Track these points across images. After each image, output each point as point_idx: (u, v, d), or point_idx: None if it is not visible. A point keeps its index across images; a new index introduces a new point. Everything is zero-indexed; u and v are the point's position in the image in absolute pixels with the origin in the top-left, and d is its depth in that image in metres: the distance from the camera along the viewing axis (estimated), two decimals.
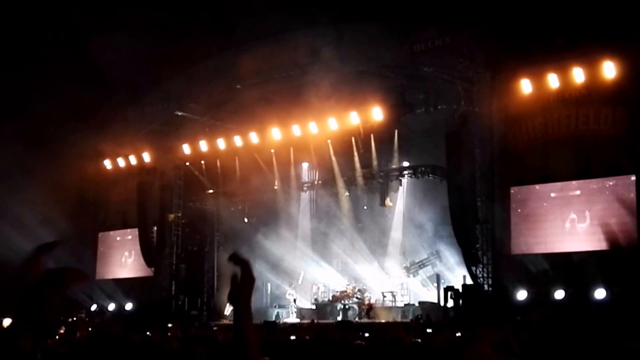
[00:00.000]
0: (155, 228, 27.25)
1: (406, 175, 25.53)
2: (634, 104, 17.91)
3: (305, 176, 28.12)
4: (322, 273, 26.92)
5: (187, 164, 27.01)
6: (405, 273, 25.78)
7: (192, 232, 27.73)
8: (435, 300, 22.53)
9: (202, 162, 26.75)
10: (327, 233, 27.74)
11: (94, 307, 27.64)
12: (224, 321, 23.88)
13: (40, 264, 1.65)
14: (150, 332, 12.33)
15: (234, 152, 25.70)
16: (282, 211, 26.94)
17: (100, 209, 29.62)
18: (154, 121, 26.12)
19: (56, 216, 23.92)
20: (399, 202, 26.95)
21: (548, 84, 19.02)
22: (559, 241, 19.14)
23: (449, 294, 20.09)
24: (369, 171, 25.12)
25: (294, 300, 25.55)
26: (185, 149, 26.32)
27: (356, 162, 24.78)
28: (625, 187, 18.35)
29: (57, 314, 1.44)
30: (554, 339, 1.38)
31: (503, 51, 19.48)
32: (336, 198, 26.54)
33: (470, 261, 20.50)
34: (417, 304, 23.29)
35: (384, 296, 24.56)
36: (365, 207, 27.63)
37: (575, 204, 19.11)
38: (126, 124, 25.12)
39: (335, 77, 21.06)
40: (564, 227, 19.13)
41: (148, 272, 27.25)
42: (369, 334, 12.46)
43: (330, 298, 25.45)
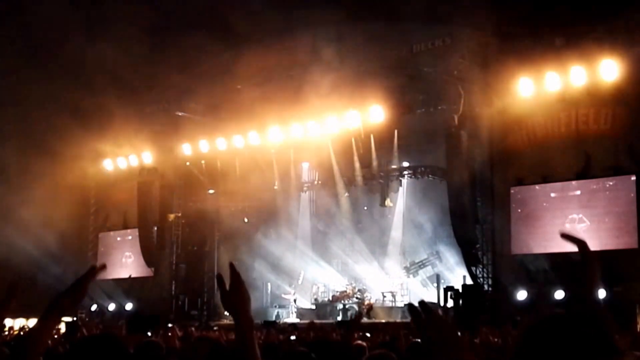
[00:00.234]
0: (155, 228, 27.28)
1: (406, 176, 25.54)
2: (634, 104, 17.91)
3: (305, 176, 28.12)
4: (322, 273, 26.92)
5: (187, 164, 27.02)
6: (405, 273, 25.79)
7: (192, 232, 27.73)
8: (435, 301, 22.51)
9: (202, 162, 26.77)
10: (327, 233, 27.76)
11: (94, 307, 27.70)
12: (224, 321, 23.86)
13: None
14: (150, 332, 12.33)
15: (234, 152, 25.70)
16: (282, 211, 26.94)
17: (100, 210, 29.66)
18: (155, 121, 26.15)
19: (57, 217, 23.97)
20: (399, 202, 26.96)
21: (548, 84, 19.02)
22: (559, 241, 18.97)
23: (449, 294, 20.08)
24: (368, 171, 25.11)
25: (294, 300, 25.56)
26: (186, 149, 26.33)
27: (356, 162, 24.77)
28: (625, 187, 18.35)
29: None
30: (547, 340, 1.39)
31: (503, 51, 19.47)
32: (336, 198, 26.53)
33: (470, 261, 20.51)
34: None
35: (384, 296, 24.57)
36: (365, 208, 27.63)
37: (576, 204, 19.12)
38: (126, 124, 25.12)
39: (335, 77, 21.06)
40: (564, 227, 19.13)
41: (148, 272, 27.29)
42: (369, 334, 12.47)
43: (330, 298, 25.44)
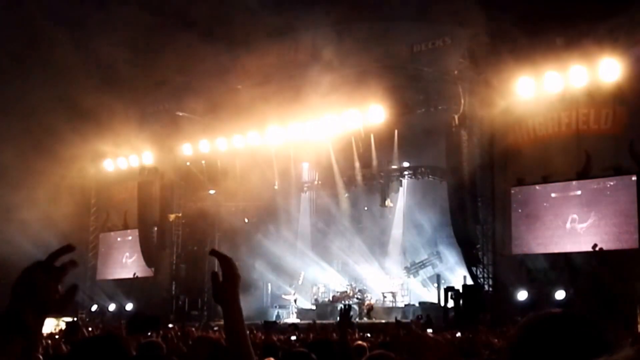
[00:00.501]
0: (155, 228, 27.29)
1: (406, 176, 25.55)
2: (634, 104, 17.91)
3: (305, 176, 28.13)
4: (322, 273, 26.91)
5: (187, 164, 27.04)
6: (405, 273, 25.79)
7: (192, 232, 27.73)
8: (436, 301, 22.53)
9: (202, 162, 26.78)
10: (327, 233, 27.74)
11: (94, 308, 27.72)
12: None
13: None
14: (150, 332, 12.33)
15: (235, 152, 25.72)
16: (282, 211, 26.94)
17: (101, 210, 29.66)
18: (155, 121, 26.18)
19: (57, 217, 23.97)
20: (399, 203, 26.97)
21: (548, 84, 19.02)
22: (559, 241, 19.14)
23: (449, 294, 20.09)
24: (368, 171, 25.12)
25: (295, 301, 25.55)
26: (186, 149, 26.35)
27: (356, 162, 24.78)
28: (626, 187, 18.35)
29: (51, 292, 1.55)
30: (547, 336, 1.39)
31: (503, 51, 19.47)
32: (336, 198, 26.54)
33: (471, 261, 20.51)
34: (417, 305, 23.27)
35: (384, 296, 24.56)
36: (366, 208, 27.63)
37: (576, 204, 19.11)
38: (127, 124, 25.13)
39: (335, 77, 21.07)
40: (565, 227, 19.13)
41: (148, 272, 27.30)
42: (369, 334, 12.47)
43: (331, 298, 25.42)
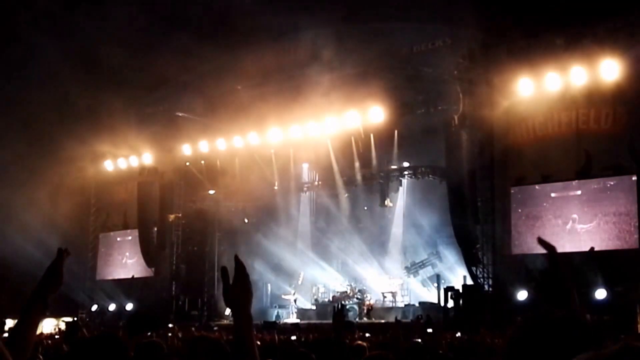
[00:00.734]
0: (155, 228, 27.28)
1: (406, 176, 25.53)
2: (634, 104, 17.91)
3: (305, 176, 28.12)
4: (322, 273, 26.90)
5: (187, 164, 27.04)
6: (405, 273, 25.78)
7: (192, 232, 27.75)
8: (436, 301, 22.51)
9: (202, 162, 26.78)
10: (327, 233, 27.73)
11: (94, 308, 27.72)
12: (224, 321, 23.88)
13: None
14: (150, 333, 12.33)
15: (234, 153, 25.72)
16: (282, 211, 26.94)
17: (101, 210, 29.66)
18: (155, 122, 26.17)
19: (58, 217, 23.98)
20: (399, 203, 26.95)
21: (548, 84, 19.02)
22: (559, 241, 19.10)
23: (449, 294, 20.08)
24: (368, 171, 25.11)
25: (295, 301, 25.55)
26: (186, 149, 26.35)
27: (356, 162, 24.77)
28: (626, 187, 18.34)
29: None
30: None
31: (503, 51, 19.47)
32: (336, 198, 26.53)
33: (471, 261, 20.50)
34: (417, 305, 23.27)
35: (384, 297, 24.56)
36: (365, 208, 27.61)
37: (576, 203, 19.11)
38: (127, 125, 25.14)
39: (335, 77, 21.07)
40: (565, 227, 19.13)
41: (148, 272, 27.29)
42: (369, 334, 12.47)
43: (331, 299, 25.41)
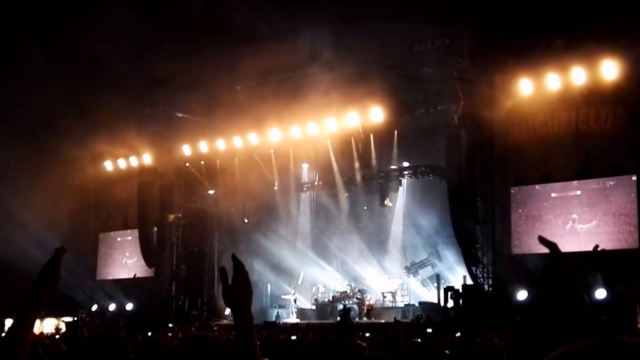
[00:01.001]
0: (155, 228, 27.28)
1: (406, 176, 25.53)
2: (634, 104, 17.91)
3: (305, 177, 28.12)
4: (322, 273, 26.91)
5: (187, 164, 27.03)
6: (405, 273, 25.78)
7: (192, 232, 27.74)
8: (436, 301, 22.51)
9: (202, 163, 26.78)
10: (326, 233, 27.74)
11: (94, 308, 27.71)
12: (224, 321, 23.88)
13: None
14: (150, 332, 12.36)
15: (234, 153, 25.72)
16: (281, 211, 26.95)
17: (101, 210, 29.66)
18: (155, 122, 26.17)
19: (58, 217, 23.97)
20: (399, 203, 26.95)
21: (548, 84, 19.02)
22: (559, 241, 18.66)
23: (449, 294, 20.09)
24: (368, 171, 25.10)
25: (294, 301, 25.55)
26: (186, 149, 26.34)
27: (355, 162, 24.77)
28: (626, 187, 18.35)
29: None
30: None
31: (503, 51, 19.47)
32: (336, 198, 26.53)
33: (470, 261, 20.50)
34: (417, 304, 23.26)
35: (384, 296, 24.55)
36: (365, 208, 27.61)
37: (576, 204, 19.11)
38: (126, 125, 25.15)
39: (335, 77, 21.06)
40: (564, 227, 19.13)
41: (148, 272, 27.29)
42: (369, 334, 12.47)
43: (330, 299, 25.43)
